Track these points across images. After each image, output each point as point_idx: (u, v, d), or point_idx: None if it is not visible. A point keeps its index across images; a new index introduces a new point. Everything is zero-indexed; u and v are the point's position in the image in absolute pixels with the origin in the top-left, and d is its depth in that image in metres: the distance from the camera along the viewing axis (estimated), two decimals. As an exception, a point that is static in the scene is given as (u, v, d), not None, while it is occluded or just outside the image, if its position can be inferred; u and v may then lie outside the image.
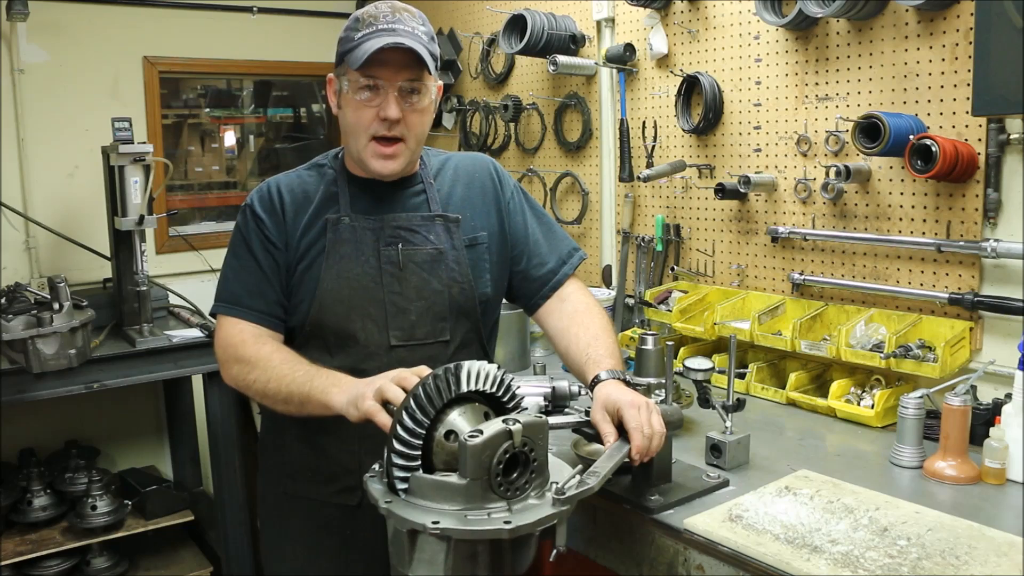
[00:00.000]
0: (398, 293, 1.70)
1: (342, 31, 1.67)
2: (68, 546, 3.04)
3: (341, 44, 1.66)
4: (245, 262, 1.73)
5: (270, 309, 1.72)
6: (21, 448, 3.38)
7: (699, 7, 2.59)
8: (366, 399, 1.41)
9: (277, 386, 1.58)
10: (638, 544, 1.60)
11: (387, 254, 1.70)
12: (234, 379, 1.69)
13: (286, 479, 1.81)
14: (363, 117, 1.64)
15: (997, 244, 1.92)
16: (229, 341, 1.69)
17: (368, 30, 1.61)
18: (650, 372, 1.97)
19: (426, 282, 1.72)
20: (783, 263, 2.44)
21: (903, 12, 2.07)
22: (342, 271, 1.69)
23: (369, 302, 1.69)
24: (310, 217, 1.73)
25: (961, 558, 1.34)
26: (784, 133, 2.39)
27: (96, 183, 3.21)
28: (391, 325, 1.70)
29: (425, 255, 1.72)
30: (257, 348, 1.66)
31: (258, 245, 1.72)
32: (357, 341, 1.69)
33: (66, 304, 2.65)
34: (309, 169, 1.81)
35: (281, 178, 1.80)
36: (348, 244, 1.70)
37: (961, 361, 2.00)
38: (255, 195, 1.77)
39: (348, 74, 1.64)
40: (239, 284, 1.72)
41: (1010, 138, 1.91)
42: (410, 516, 1.27)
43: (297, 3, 4.10)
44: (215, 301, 1.75)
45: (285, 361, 1.62)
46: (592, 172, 3.06)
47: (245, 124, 4.39)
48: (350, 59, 1.60)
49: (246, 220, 1.75)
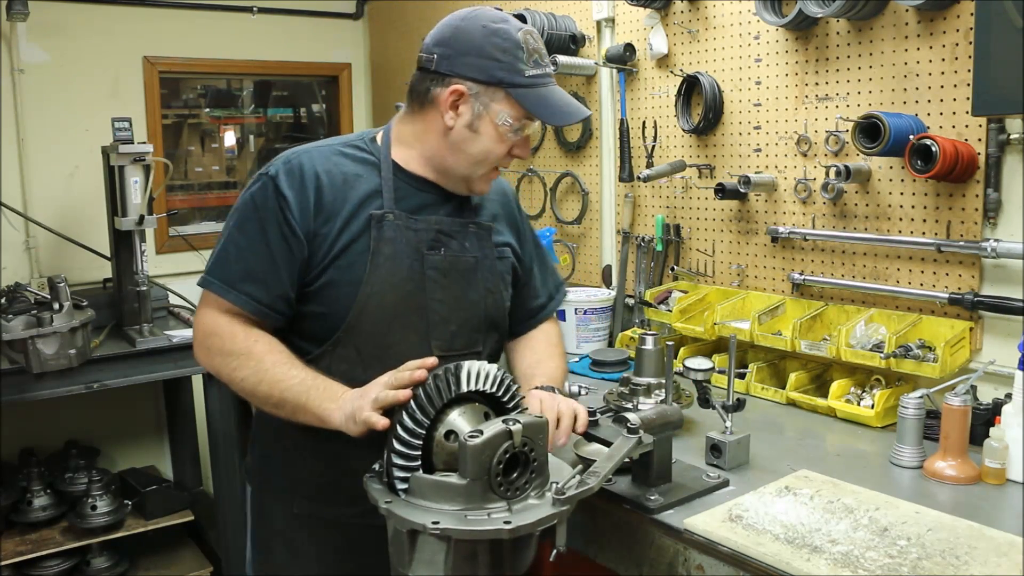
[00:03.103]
0: (440, 301, 1.59)
1: (491, 47, 1.51)
2: (68, 546, 3.04)
3: (499, 66, 1.50)
4: (254, 241, 1.53)
5: (271, 302, 1.54)
6: (21, 448, 3.39)
7: (699, 7, 2.59)
8: (363, 411, 1.36)
9: (269, 389, 1.48)
10: (638, 544, 1.60)
11: (431, 259, 1.59)
12: (215, 368, 1.55)
13: (300, 499, 1.65)
14: (500, 149, 1.57)
15: (997, 244, 1.92)
16: (216, 329, 1.53)
17: (537, 71, 1.53)
18: (650, 372, 1.97)
19: (465, 291, 1.63)
20: (783, 263, 2.44)
21: (903, 12, 2.07)
22: (387, 275, 1.55)
23: (412, 310, 1.57)
24: (352, 208, 1.55)
25: (961, 558, 1.34)
26: (784, 133, 2.39)
27: (96, 183, 3.22)
28: (432, 335, 1.59)
29: (464, 263, 1.63)
30: (249, 343, 1.51)
31: (274, 226, 1.52)
32: (394, 351, 1.53)
33: (66, 304, 2.65)
34: (344, 151, 1.62)
35: (314, 155, 1.58)
36: (391, 245, 1.55)
37: (961, 361, 2.00)
38: (281, 167, 1.55)
39: (510, 107, 1.52)
40: (241, 265, 1.53)
41: (1010, 138, 1.91)
42: (410, 516, 1.28)
43: (297, 3, 4.10)
44: (207, 274, 1.55)
45: (279, 363, 1.49)
46: (592, 172, 3.06)
47: (245, 124, 4.39)
48: (528, 101, 1.52)
49: (266, 194, 1.54)
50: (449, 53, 1.52)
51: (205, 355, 1.57)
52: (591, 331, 2.83)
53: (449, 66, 1.52)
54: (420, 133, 1.60)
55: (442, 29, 1.56)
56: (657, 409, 1.65)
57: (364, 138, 1.65)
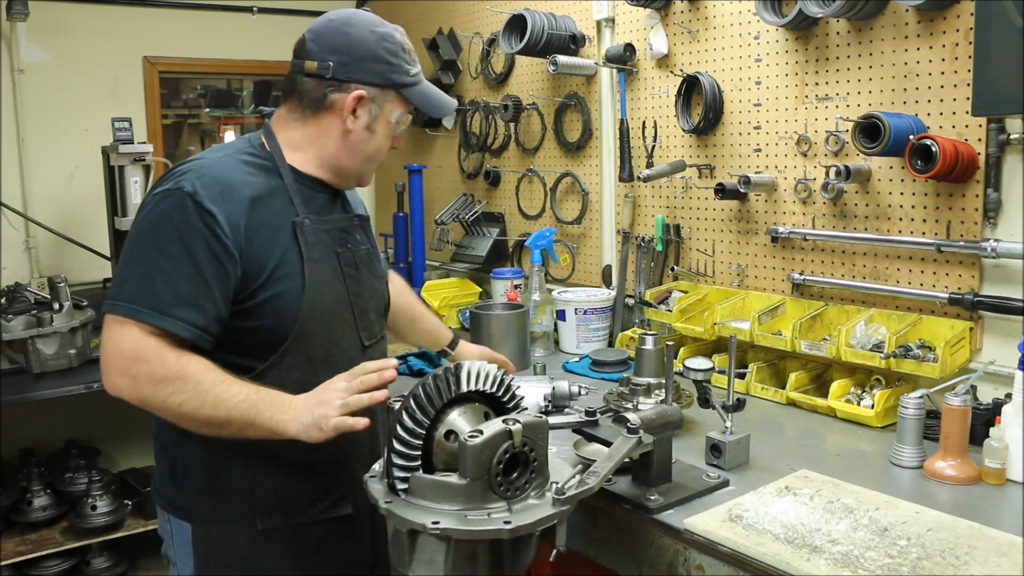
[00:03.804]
0: (358, 294, 1.68)
1: (383, 51, 1.60)
2: (68, 546, 3.04)
3: (392, 69, 1.61)
4: (179, 263, 1.44)
5: (207, 325, 1.46)
6: (21, 448, 3.39)
7: (699, 7, 2.59)
8: (330, 418, 1.38)
9: (213, 411, 1.42)
10: (638, 544, 1.60)
11: (344, 256, 1.66)
12: (141, 397, 1.43)
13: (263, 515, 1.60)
14: (387, 146, 1.68)
15: (997, 244, 1.92)
16: (143, 354, 1.42)
17: (416, 68, 1.66)
18: (650, 372, 1.97)
19: (370, 281, 1.74)
20: (783, 263, 2.44)
21: (903, 12, 2.07)
22: (321, 277, 1.59)
23: (344, 306, 1.64)
24: (275, 219, 1.54)
25: (961, 558, 1.34)
26: (784, 133, 2.39)
27: (96, 183, 3.22)
28: (359, 326, 1.68)
29: (361, 255, 1.72)
30: (181, 365, 1.43)
31: (202, 245, 1.45)
32: (338, 350, 1.61)
33: (66, 304, 2.65)
34: (245, 159, 1.59)
35: (224, 167, 1.54)
36: (315, 248, 1.59)
37: (961, 361, 2.00)
38: (196, 183, 1.47)
39: (400, 105, 1.64)
40: (170, 289, 1.43)
41: (1010, 138, 1.91)
42: (410, 516, 1.28)
43: (297, 3, 4.10)
44: (129, 302, 1.43)
45: (218, 382, 1.43)
46: (592, 172, 3.06)
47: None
48: (415, 98, 1.65)
49: (185, 212, 1.45)
50: (346, 60, 1.58)
51: (129, 384, 1.43)
52: (591, 331, 2.83)
53: (347, 72, 1.58)
54: (314, 136, 1.64)
55: (330, 36, 1.60)
56: (657, 409, 1.65)
57: (252, 144, 1.64)
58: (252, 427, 1.43)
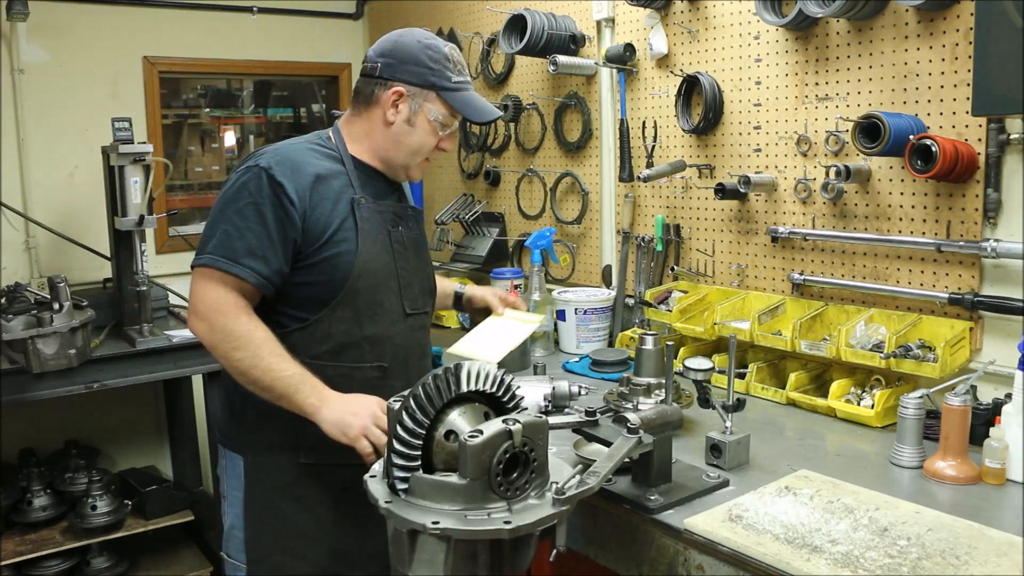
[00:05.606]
0: (405, 268, 1.90)
1: (425, 57, 1.82)
2: (68, 546, 3.04)
3: (431, 73, 1.83)
4: (252, 223, 1.72)
5: (270, 276, 1.73)
6: (21, 448, 3.38)
7: (699, 7, 2.59)
8: (353, 429, 1.65)
9: (261, 375, 1.69)
10: (638, 544, 1.60)
11: (396, 235, 1.89)
12: (212, 343, 1.72)
13: (305, 451, 1.82)
14: (430, 143, 1.88)
15: (997, 244, 1.92)
16: (221, 307, 1.70)
17: (461, 78, 1.88)
18: (650, 372, 1.97)
19: (417, 262, 1.96)
20: (783, 263, 2.44)
21: (903, 12, 2.07)
22: (372, 247, 1.83)
23: (391, 276, 1.87)
24: (335, 195, 1.80)
25: (961, 558, 1.34)
26: (784, 133, 2.39)
27: (96, 183, 3.22)
28: (404, 296, 1.89)
29: (412, 239, 1.95)
30: (251, 328, 1.71)
31: (271, 210, 1.72)
32: (382, 310, 1.85)
33: (66, 304, 2.65)
34: (313, 147, 1.86)
35: (294, 150, 1.82)
36: (369, 223, 1.83)
37: (961, 361, 2.00)
38: (271, 159, 1.76)
39: (440, 106, 1.85)
40: (243, 243, 1.71)
41: (1010, 138, 1.91)
42: (410, 516, 1.28)
43: (297, 3, 4.10)
44: (209, 253, 1.72)
45: (275, 354, 1.70)
46: (592, 172, 3.06)
47: (245, 124, 4.39)
48: (456, 102, 1.86)
49: (260, 183, 1.74)
50: (391, 62, 1.84)
51: (206, 329, 1.72)
52: (591, 331, 2.83)
53: (391, 72, 1.84)
54: (367, 130, 1.89)
55: (383, 44, 1.88)
56: (657, 409, 1.65)
57: (321, 137, 1.90)
58: (287, 400, 1.69)
